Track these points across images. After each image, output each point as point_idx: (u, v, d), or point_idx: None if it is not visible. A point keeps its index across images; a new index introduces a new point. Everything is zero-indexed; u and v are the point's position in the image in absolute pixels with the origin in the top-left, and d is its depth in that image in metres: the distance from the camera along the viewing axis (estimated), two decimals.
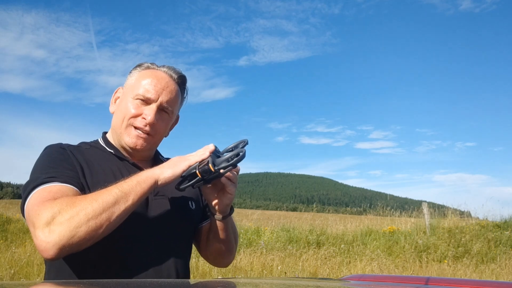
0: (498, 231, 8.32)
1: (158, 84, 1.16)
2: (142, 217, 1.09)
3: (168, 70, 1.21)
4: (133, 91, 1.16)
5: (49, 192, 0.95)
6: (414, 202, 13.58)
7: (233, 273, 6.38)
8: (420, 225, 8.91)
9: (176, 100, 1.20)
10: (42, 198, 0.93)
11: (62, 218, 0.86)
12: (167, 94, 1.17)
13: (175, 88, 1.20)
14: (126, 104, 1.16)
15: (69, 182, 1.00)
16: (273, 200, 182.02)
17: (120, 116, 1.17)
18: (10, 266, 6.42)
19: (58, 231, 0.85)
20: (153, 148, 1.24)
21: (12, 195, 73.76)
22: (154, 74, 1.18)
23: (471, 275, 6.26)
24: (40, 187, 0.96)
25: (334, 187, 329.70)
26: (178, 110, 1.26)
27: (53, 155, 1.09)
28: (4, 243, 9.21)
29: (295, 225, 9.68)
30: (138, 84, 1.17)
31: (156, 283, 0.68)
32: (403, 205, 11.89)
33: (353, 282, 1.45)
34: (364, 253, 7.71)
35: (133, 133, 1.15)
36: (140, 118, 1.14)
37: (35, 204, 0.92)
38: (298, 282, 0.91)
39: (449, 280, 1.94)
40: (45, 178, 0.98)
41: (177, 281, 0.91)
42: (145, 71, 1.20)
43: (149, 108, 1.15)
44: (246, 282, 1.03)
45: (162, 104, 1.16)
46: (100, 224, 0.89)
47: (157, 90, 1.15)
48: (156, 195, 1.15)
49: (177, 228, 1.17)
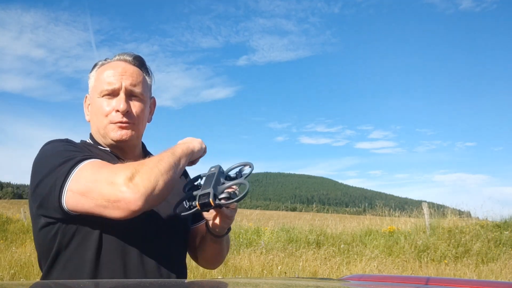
0: (498, 231, 8.32)
1: (116, 73, 1.14)
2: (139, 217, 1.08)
3: (121, 56, 1.19)
4: (97, 90, 1.15)
5: (101, 162, 0.98)
6: (414, 202, 13.58)
7: (233, 273, 6.38)
8: (420, 225, 8.91)
9: (140, 81, 1.17)
10: (100, 165, 0.96)
11: (142, 174, 0.92)
12: (128, 77, 1.14)
13: (135, 70, 1.17)
14: (96, 105, 1.15)
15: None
16: (273, 200, 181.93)
17: (96, 119, 1.16)
18: (10, 266, 6.42)
19: (143, 184, 0.91)
20: (139, 136, 1.22)
21: (12, 195, 73.75)
22: (110, 66, 1.17)
23: (471, 275, 6.26)
24: (86, 161, 0.97)
25: (334, 187, 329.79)
26: (148, 91, 1.22)
27: (65, 145, 1.07)
28: (4, 243, 9.21)
29: (295, 225, 9.69)
30: (98, 82, 1.16)
31: (156, 283, 0.67)
32: (403, 205, 11.89)
33: (353, 282, 1.45)
34: (364, 253, 7.71)
35: (114, 127, 1.13)
36: (114, 112, 1.12)
37: (97, 171, 0.94)
38: (298, 282, 0.91)
39: (449, 280, 1.94)
40: (82, 156, 0.98)
41: (177, 281, 0.91)
42: (101, 68, 1.19)
43: (117, 99, 1.13)
44: (246, 282, 1.03)
45: (127, 89, 1.14)
46: (170, 179, 0.96)
47: (117, 78, 1.13)
48: None
49: (175, 225, 1.17)
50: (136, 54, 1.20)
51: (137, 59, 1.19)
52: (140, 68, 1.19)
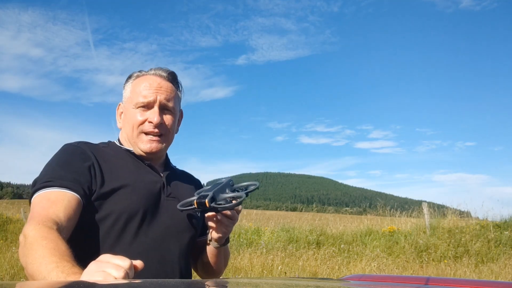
0: (498, 231, 8.33)
1: (152, 87, 1.23)
2: (152, 213, 1.18)
3: (157, 71, 1.28)
4: (132, 101, 1.24)
5: (47, 200, 1.03)
6: (414, 202, 13.57)
7: (233, 273, 6.38)
8: (420, 225, 8.91)
9: (173, 95, 1.27)
10: (39, 207, 1.02)
11: (21, 249, 0.95)
12: (163, 92, 1.24)
13: (169, 85, 1.27)
14: (130, 115, 1.24)
15: (69, 187, 1.06)
16: (273, 200, 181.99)
17: (129, 127, 1.25)
18: (10, 266, 6.42)
19: (19, 249, 0.97)
20: (167, 148, 1.31)
21: (12, 195, 73.79)
22: (146, 79, 1.26)
23: (471, 275, 6.26)
24: (41, 192, 1.05)
25: (334, 187, 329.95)
26: (179, 105, 1.32)
27: (64, 156, 1.16)
28: (4, 243, 9.22)
29: (295, 225, 9.69)
30: (134, 93, 1.24)
31: (156, 283, 0.67)
32: (403, 205, 11.88)
33: (353, 282, 1.45)
34: (364, 253, 7.71)
35: (145, 139, 1.23)
36: (147, 123, 1.22)
37: (32, 211, 1.03)
38: (298, 282, 0.91)
39: (449, 280, 1.94)
40: (44, 182, 1.06)
41: (177, 281, 0.91)
42: (136, 80, 1.27)
43: (152, 112, 1.22)
44: (246, 282, 1.04)
45: (161, 103, 1.23)
46: (25, 268, 0.94)
47: (153, 92, 1.22)
48: (168, 196, 1.24)
49: (184, 229, 1.24)
50: (170, 70, 1.29)
51: (171, 75, 1.28)
52: (173, 83, 1.29)
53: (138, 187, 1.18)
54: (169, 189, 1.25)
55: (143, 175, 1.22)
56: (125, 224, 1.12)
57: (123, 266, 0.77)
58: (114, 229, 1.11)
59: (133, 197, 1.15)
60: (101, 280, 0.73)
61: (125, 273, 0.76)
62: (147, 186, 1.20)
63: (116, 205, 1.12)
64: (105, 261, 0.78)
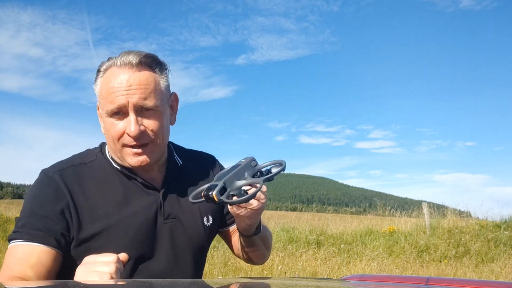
0: (498, 231, 8.33)
1: (120, 87, 0.98)
2: (147, 251, 1.05)
3: (125, 58, 1.00)
4: (103, 108, 1.01)
5: (13, 257, 0.95)
6: (414, 202, 13.57)
7: (233, 273, 6.38)
8: (420, 225, 8.92)
9: (151, 88, 1.00)
10: (5, 267, 0.95)
11: None
12: (135, 91, 0.98)
13: (143, 77, 1.00)
14: (106, 126, 1.03)
15: (38, 240, 0.96)
16: (273, 200, 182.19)
17: (109, 140, 1.04)
18: None
19: None
20: (161, 151, 1.08)
21: (12, 195, 73.69)
22: (113, 75, 1.00)
23: (471, 275, 6.26)
24: (11, 244, 0.97)
25: (334, 187, 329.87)
26: (165, 94, 1.05)
27: (36, 197, 1.02)
28: (4, 243, 9.20)
29: (295, 225, 9.69)
30: (103, 99, 1.01)
31: (156, 283, 0.67)
32: (403, 205, 11.88)
33: (353, 282, 1.45)
34: (364, 253, 7.71)
35: (129, 152, 1.02)
36: (126, 136, 1.00)
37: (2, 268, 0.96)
38: (298, 282, 0.91)
39: (449, 280, 1.94)
40: (15, 232, 0.98)
41: (177, 281, 0.91)
42: (103, 78, 1.03)
43: (126, 120, 0.99)
44: (246, 282, 1.03)
45: (136, 106, 0.98)
46: None
47: (122, 94, 0.97)
48: (166, 219, 1.08)
49: (188, 253, 1.11)
50: (143, 52, 1.02)
51: (145, 58, 1.01)
52: (152, 68, 1.02)
53: (126, 224, 1.02)
54: (167, 208, 1.08)
55: (133, 202, 1.05)
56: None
57: (112, 261, 0.76)
58: None
59: (121, 239, 1.00)
60: (97, 280, 0.73)
61: (115, 267, 0.76)
62: (139, 218, 1.03)
63: (102, 252, 0.91)
64: (92, 262, 0.77)
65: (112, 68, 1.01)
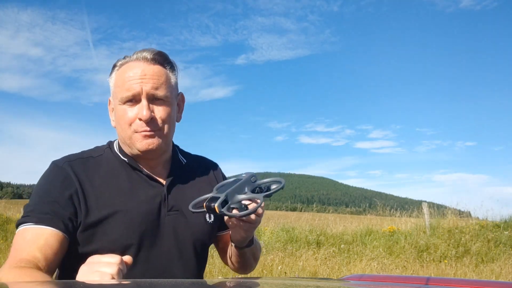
0: (498, 231, 8.33)
1: (135, 76, 1.06)
2: (150, 240, 1.08)
3: (140, 54, 1.10)
4: (118, 96, 1.09)
5: (23, 239, 0.98)
6: (414, 202, 13.58)
7: (233, 273, 6.37)
8: (420, 225, 8.92)
9: (163, 81, 1.08)
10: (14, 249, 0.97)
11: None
12: (149, 80, 1.06)
13: (156, 70, 1.09)
14: (118, 112, 1.10)
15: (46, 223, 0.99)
16: (272, 200, 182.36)
17: (120, 128, 1.10)
18: None
19: None
20: (168, 142, 1.15)
21: (12, 195, 73.81)
22: (128, 67, 1.09)
23: (471, 275, 6.26)
24: (20, 228, 1.00)
25: (334, 187, 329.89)
26: (173, 90, 1.13)
27: (46, 184, 1.07)
28: (4, 243, 9.20)
29: (295, 225, 9.69)
30: (117, 87, 1.10)
31: (156, 283, 0.68)
32: (403, 205, 11.89)
33: (353, 282, 1.45)
34: (364, 253, 7.71)
35: (139, 137, 1.07)
36: (138, 121, 1.07)
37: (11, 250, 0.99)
38: (298, 282, 0.91)
39: (449, 280, 1.94)
40: (24, 217, 1.01)
41: (177, 281, 0.91)
42: (119, 71, 1.11)
43: (139, 106, 1.06)
44: (246, 282, 1.03)
45: (149, 94, 1.06)
46: None
47: (136, 82, 1.06)
48: (170, 211, 1.12)
49: (189, 246, 1.14)
50: (156, 50, 1.11)
51: (158, 55, 1.10)
52: (163, 65, 1.11)
53: (131, 213, 1.06)
54: (171, 201, 1.12)
55: (138, 193, 1.09)
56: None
57: (115, 262, 0.77)
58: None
59: (126, 226, 1.05)
60: (99, 280, 0.73)
61: (118, 268, 0.76)
62: (143, 207, 1.08)
63: (107, 237, 1.02)
64: (95, 262, 0.78)
65: (128, 62, 1.10)
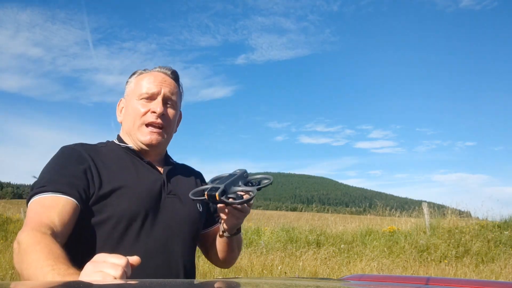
0: (498, 231, 8.33)
1: (157, 80, 1.26)
2: (153, 214, 1.17)
3: (161, 68, 1.31)
4: (136, 93, 1.26)
5: (41, 205, 1.03)
6: (414, 202, 13.59)
7: (233, 273, 6.38)
8: (420, 225, 8.92)
9: (176, 92, 1.29)
10: (33, 213, 1.02)
11: (16, 255, 0.95)
12: (167, 86, 1.26)
13: (173, 82, 1.29)
14: (132, 106, 1.25)
15: (63, 191, 1.05)
16: (273, 200, 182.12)
17: (130, 119, 1.25)
18: (10, 266, 6.42)
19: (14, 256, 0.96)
20: (166, 143, 1.31)
21: (12, 195, 73.99)
22: (150, 74, 1.28)
23: (471, 275, 6.26)
24: (36, 197, 1.04)
25: (334, 187, 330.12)
26: (180, 103, 1.33)
27: (60, 160, 1.15)
28: (4, 243, 9.22)
29: (295, 225, 9.70)
30: (138, 86, 1.26)
31: (156, 283, 0.68)
32: (403, 205, 11.90)
33: (353, 282, 1.45)
34: (364, 253, 7.72)
35: (146, 131, 1.23)
36: (150, 113, 1.22)
37: (27, 217, 1.03)
38: (298, 282, 0.91)
39: (449, 280, 1.95)
40: (39, 187, 1.06)
41: (177, 281, 0.91)
42: (141, 75, 1.29)
43: (155, 102, 1.23)
44: (246, 282, 1.04)
45: (165, 96, 1.25)
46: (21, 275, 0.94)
47: (157, 84, 1.25)
48: (169, 194, 1.23)
49: (186, 226, 1.24)
50: (173, 69, 1.32)
51: (174, 74, 1.31)
52: (177, 82, 1.32)
53: (138, 188, 1.17)
54: (169, 186, 1.25)
55: (142, 174, 1.21)
56: (126, 226, 1.11)
57: (120, 264, 0.76)
58: (115, 232, 1.10)
59: (133, 198, 1.14)
60: (100, 280, 0.73)
61: (123, 271, 0.75)
62: (147, 186, 1.19)
63: (116, 207, 1.11)
64: (101, 261, 0.77)
65: (150, 71, 1.30)
